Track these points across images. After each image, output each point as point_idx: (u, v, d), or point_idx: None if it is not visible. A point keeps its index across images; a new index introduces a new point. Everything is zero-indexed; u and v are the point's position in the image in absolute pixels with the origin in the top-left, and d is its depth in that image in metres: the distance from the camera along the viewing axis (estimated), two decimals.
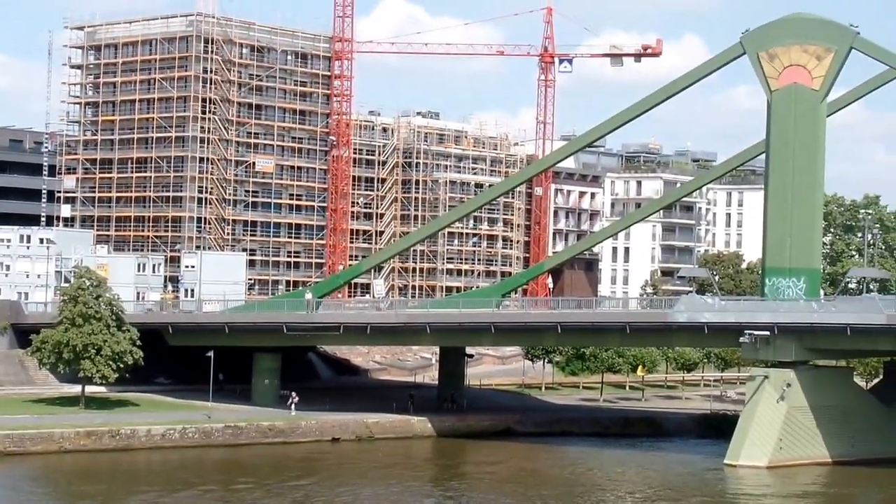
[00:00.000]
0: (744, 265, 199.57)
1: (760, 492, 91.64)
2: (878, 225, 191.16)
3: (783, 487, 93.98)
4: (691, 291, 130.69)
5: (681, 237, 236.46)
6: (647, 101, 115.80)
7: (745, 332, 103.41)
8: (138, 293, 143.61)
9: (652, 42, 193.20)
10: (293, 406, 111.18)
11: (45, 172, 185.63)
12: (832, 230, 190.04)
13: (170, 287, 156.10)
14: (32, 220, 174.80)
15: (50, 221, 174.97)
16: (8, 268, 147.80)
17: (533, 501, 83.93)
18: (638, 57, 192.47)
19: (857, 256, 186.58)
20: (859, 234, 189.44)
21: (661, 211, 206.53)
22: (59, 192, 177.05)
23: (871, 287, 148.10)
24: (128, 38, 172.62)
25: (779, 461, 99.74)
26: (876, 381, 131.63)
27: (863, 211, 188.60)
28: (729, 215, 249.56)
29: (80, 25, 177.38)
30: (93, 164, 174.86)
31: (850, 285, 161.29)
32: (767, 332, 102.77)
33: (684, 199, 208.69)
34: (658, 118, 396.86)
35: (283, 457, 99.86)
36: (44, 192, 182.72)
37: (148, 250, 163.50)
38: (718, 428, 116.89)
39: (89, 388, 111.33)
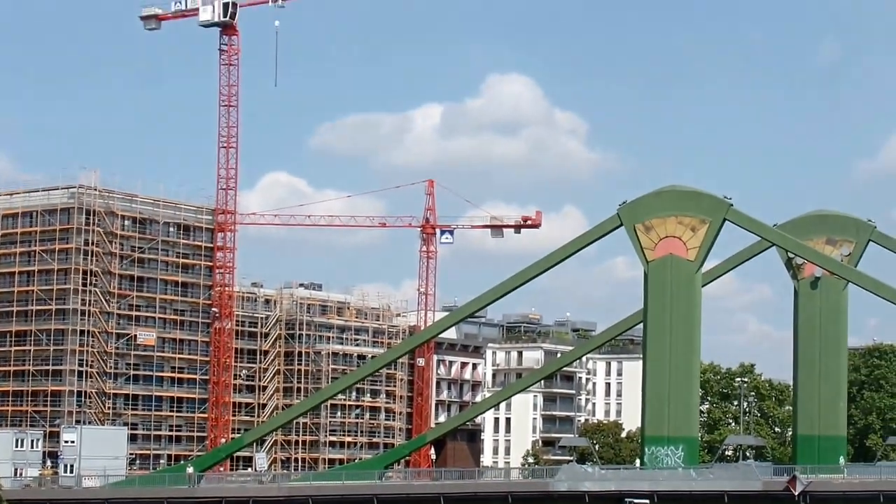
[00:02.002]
0: (623, 434, 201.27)
1: None
2: (753, 393, 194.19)
3: None
4: (572, 461, 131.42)
5: (561, 407, 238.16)
6: (527, 272, 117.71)
7: (626, 500, 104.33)
8: (16, 469, 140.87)
9: (532, 214, 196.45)
10: None
11: None
12: (709, 398, 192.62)
13: (49, 462, 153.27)
14: None
15: None
16: None
17: None
18: (518, 228, 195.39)
19: (733, 424, 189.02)
20: (735, 402, 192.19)
21: (542, 381, 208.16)
22: None
23: (748, 454, 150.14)
24: (8, 210, 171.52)
25: None
26: None
27: (738, 379, 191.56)
28: (609, 384, 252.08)
29: None
30: None
31: (727, 452, 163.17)
32: (647, 500, 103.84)
33: (565, 368, 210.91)
34: (538, 289, 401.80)
35: None
36: None
37: (27, 425, 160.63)
38: None
39: None
